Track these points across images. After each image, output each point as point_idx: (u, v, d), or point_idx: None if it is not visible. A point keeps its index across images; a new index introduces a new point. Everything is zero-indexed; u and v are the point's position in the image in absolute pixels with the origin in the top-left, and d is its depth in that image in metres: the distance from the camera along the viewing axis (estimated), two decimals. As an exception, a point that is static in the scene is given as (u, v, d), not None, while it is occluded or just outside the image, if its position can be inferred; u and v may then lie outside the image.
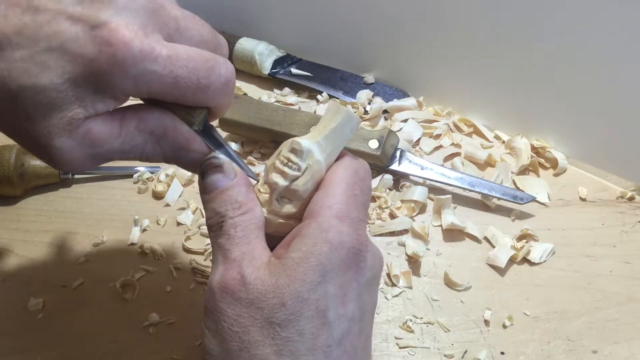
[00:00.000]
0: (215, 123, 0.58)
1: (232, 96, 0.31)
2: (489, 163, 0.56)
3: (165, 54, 0.27)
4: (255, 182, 0.33)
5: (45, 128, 0.27)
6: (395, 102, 0.61)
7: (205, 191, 0.31)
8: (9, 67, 0.26)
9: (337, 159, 0.32)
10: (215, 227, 0.30)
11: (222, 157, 0.31)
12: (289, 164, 0.30)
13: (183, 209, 0.52)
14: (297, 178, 0.30)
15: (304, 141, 0.30)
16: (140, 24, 0.26)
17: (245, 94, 0.61)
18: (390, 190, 0.54)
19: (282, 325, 0.26)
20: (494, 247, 0.50)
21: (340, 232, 0.28)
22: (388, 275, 0.47)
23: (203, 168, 0.31)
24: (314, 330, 0.27)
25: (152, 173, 0.54)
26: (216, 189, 0.30)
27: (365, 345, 0.30)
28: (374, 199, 0.53)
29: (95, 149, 0.28)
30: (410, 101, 0.61)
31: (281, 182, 0.30)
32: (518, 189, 0.54)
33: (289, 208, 0.31)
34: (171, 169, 0.55)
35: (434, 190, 0.53)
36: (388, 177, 0.53)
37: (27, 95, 0.26)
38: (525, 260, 0.49)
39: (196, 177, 0.54)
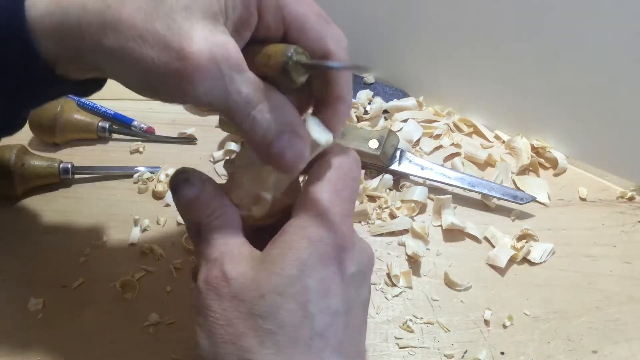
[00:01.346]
0: (214, 122, 0.58)
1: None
2: (489, 163, 0.56)
3: None
4: None
5: (187, 24, 0.26)
6: (395, 102, 0.61)
7: (180, 205, 0.32)
8: None
9: (323, 154, 0.32)
10: (194, 235, 0.31)
11: (188, 169, 0.32)
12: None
13: (183, 209, 0.52)
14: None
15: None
16: None
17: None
18: (390, 190, 0.54)
19: (263, 317, 0.27)
20: (494, 247, 0.50)
21: (319, 228, 0.29)
22: (388, 275, 0.47)
23: (172, 186, 0.32)
24: (295, 323, 0.27)
25: (152, 173, 0.54)
26: (187, 200, 0.31)
27: (352, 340, 0.30)
28: (374, 198, 0.53)
29: (224, 67, 0.26)
30: (410, 101, 0.61)
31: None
32: (518, 189, 0.54)
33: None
34: (171, 168, 0.55)
35: (434, 190, 0.53)
36: (388, 177, 0.53)
37: None
38: (525, 260, 0.49)
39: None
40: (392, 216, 0.52)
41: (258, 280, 0.28)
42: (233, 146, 0.57)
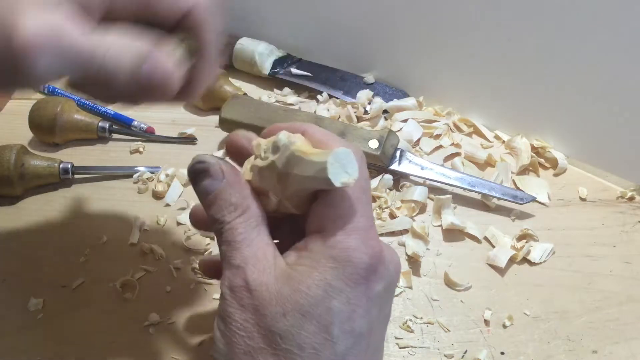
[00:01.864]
0: (214, 122, 0.58)
1: (220, 22, 0.31)
2: (489, 163, 0.56)
3: None
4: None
5: (19, 7, 0.26)
6: (395, 102, 0.61)
7: (201, 199, 0.30)
8: None
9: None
10: (217, 233, 0.29)
11: (207, 158, 0.30)
12: (264, 148, 0.29)
13: (183, 209, 0.52)
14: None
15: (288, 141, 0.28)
16: None
17: (245, 94, 0.61)
18: (390, 190, 0.54)
19: (283, 337, 0.26)
20: (494, 247, 0.50)
21: (347, 248, 0.27)
22: (388, 275, 0.47)
23: (192, 176, 0.30)
24: (316, 346, 0.26)
25: (152, 173, 0.54)
26: (208, 194, 0.29)
27: (373, 359, 0.29)
28: (374, 198, 0.53)
29: (57, 38, 0.26)
30: (410, 101, 0.61)
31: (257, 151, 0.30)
32: (518, 189, 0.54)
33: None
34: (171, 168, 0.55)
35: (434, 190, 0.53)
36: (388, 177, 0.53)
37: None
38: (525, 260, 0.49)
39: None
40: (392, 216, 0.52)
41: (282, 296, 0.27)
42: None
